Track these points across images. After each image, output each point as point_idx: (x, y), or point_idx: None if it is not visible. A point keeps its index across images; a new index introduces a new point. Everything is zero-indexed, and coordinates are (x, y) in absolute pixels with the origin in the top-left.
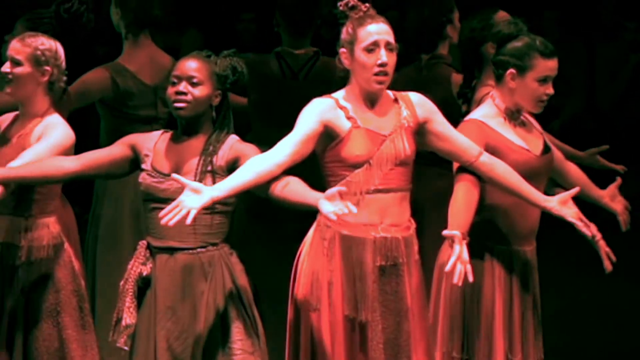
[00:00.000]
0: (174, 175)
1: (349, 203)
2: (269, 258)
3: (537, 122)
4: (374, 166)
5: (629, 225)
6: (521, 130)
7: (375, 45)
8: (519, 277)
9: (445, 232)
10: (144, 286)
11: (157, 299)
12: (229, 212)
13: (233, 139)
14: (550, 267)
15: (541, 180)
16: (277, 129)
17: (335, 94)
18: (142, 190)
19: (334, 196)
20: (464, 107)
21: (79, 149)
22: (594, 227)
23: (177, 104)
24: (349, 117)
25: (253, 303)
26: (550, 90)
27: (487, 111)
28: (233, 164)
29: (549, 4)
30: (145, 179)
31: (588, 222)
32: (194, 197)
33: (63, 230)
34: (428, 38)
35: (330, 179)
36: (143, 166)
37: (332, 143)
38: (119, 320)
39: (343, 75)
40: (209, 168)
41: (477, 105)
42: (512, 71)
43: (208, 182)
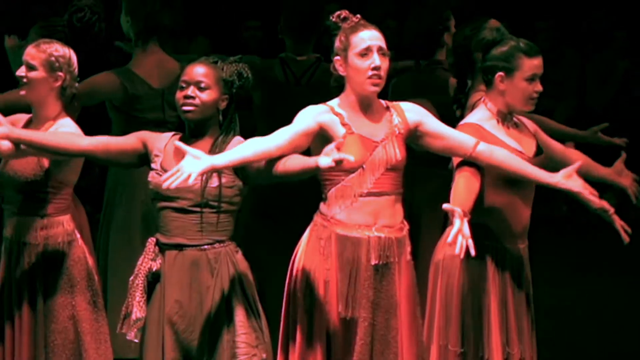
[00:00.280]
0: (177, 143)
1: (346, 155)
2: (272, 256)
3: (532, 121)
4: (367, 170)
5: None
6: (514, 132)
7: (368, 50)
8: (512, 274)
9: (445, 205)
10: (154, 281)
11: (166, 293)
12: (234, 212)
13: (237, 139)
14: (543, 265)
15: (531, 182)
16: None
17: (330, 102)
18: (151, 189)
19: (331, 151)
20: (458, 112)
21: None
22: (605, 203)
23: (186, 108)
24: (343, 124)
25: (257, 298)
26: (538, 87)
27: (481, 115)
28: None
29: (542, 14)
30: (154, 178)
31: (595, 193)
32: (195, 162)
33: (76, 228)
34: (426, 45)
35: (326, 183)
36: (153, 166)
37: (327, 149)
38: (128, 314)
39: (337, 84)
40: None
41: (471, 110)
42: (501, 74)
43: (215, 182)
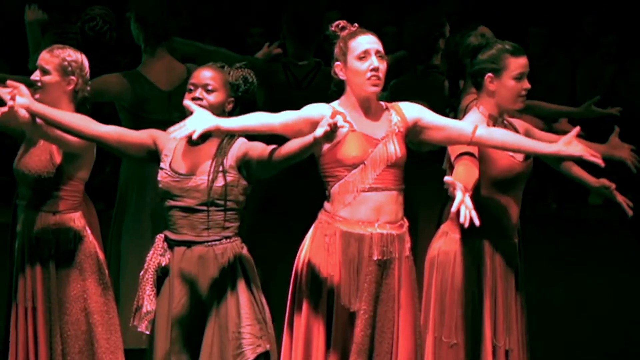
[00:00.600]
0: (186, 102)
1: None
2: (275, 252)
3: (522, 120)
4: (368, 166)
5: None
6: None
7: (367, 53)
8: (504, 268)
9: (446, 178)
10: (163, 275)
11: (175, 287)
12: (239, 210)
13: (241, 140)
14: (532, 260)
15: (522, 183)
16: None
17: (331, 104)
18: (161, 188)
19: (325, 121)
20: (451, 115)
21: (100, 155)
22: (605, 180)
23: None
24: (346, 121)
25: (261, 292)
26: (526, 85)
27: (475, 118)
28: (242, 160)
29: (534, 20)
30: (164, 177)
31: (597, 154)
32: (202, 120)
33: (87, 225)
34: (423, 50)
35: (329, 179)
36: (162, 165)
37: (329, 144)
38: (139, 307)
39: (337, 89)
40: (221, 168)
41: (464, 113)
42: (490, 75)
43: (220, 181)
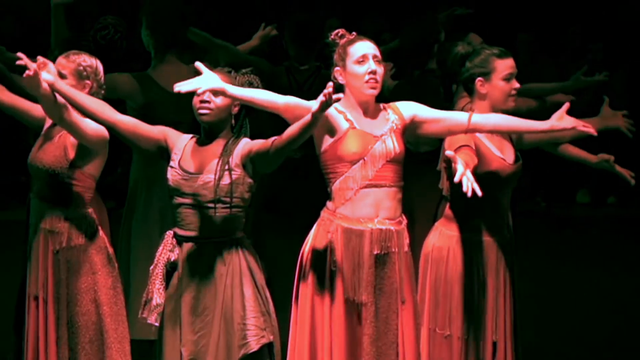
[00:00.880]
0: (197, 64)
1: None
2: (278, 247)
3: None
4: (368, 162)
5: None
6: (497, 139)
7: (365, 57)
8: (496, 263)
9: (448, 152)
10: (172, 270)
11: (183, 281)
12: (244, 207)
13: (245, 139)
14: (522, 256)
15: (511, 185)
16: None
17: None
18: (170, 186)
19: (320, 94)
20: None
21: (112, 156)
22: (604, 154)
23: (202, 111)
24: (346, 119)
25: (265, 286)
26: (516, 84)
27: None
28: (246, 157)
29: (523, 27)
30: (173, 175)
31: (589, 125)
32: (210, 80)
33: (98, 220)
34: (419, 56)
35: (330, 176)
36: (171, 163)
37: (331, 141)
38: (149, 300)
39: (336, 93)
40: (227, 167)
41: None
42: (480, 79)
43: (226, 179)
